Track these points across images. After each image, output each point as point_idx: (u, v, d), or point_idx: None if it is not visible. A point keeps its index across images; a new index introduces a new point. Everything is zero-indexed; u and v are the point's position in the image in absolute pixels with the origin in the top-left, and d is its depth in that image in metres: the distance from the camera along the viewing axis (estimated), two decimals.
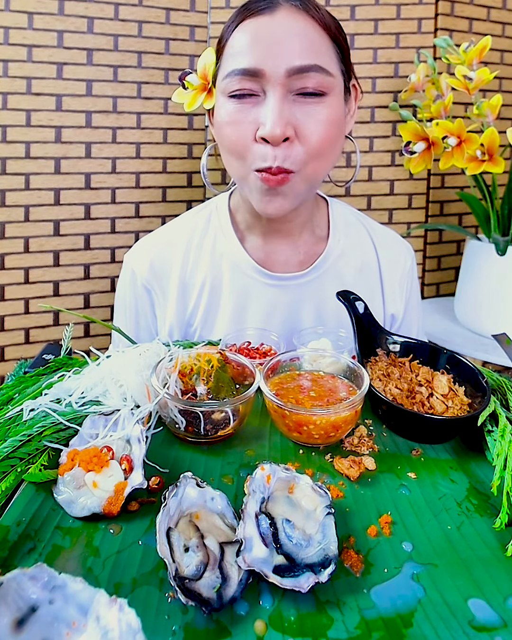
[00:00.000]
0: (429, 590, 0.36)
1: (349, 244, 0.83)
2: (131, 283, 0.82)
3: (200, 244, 0.81)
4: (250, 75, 0.63)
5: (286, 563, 0.36)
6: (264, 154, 0.64)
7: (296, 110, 0.64)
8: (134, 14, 1.26)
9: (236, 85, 0.64)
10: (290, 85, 0.63)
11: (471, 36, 1.35)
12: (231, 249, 0.79)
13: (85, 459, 0.44)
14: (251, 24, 0.64)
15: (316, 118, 0.64)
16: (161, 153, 1.32)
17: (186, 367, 0.56)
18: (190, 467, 0.48)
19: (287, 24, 0.63)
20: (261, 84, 0.64)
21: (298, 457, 0.50)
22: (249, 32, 0.64)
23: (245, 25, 0.65)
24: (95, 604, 0.30)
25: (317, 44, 0.64)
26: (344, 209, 0.87)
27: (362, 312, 0.65)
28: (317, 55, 0.63)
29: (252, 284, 0.79)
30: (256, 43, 0.63)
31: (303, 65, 0.62)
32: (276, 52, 0.62)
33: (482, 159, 1.07)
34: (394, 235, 0.90)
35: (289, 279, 0.79)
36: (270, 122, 0.62)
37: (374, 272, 0.84)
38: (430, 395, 0.55)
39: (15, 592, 0.30)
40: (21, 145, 1.20)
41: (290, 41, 0.63)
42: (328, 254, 0.80)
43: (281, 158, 0.64)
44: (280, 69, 0.62)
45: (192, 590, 0.34)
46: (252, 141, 0.65)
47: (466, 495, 0.45)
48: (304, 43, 0.63)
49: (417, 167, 1.13)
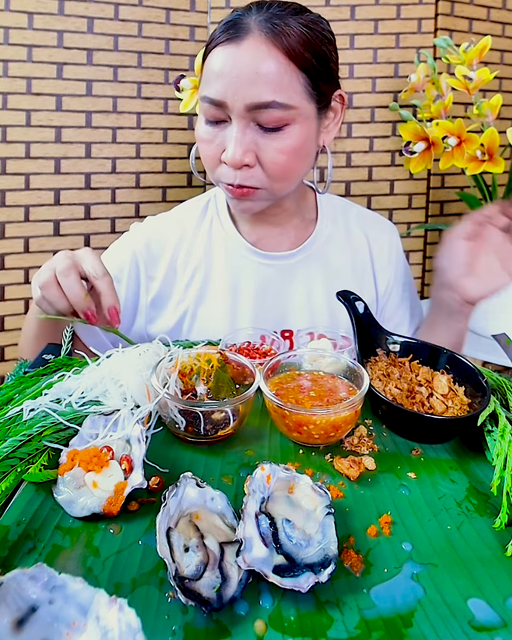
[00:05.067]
0: (429, 590, 0.36)
1: (337, 229, 0.88)
2: (127, 248, 0.85)
3: (197, 227, 0.86)
4: (216, 105, 0.67)
5: (285, 563, 0.36)
6: (226, 173, 0.70)
7: (257, 138, 0.68)
8: (134, 14, 1.26)
9: (207, 111, 0.69)
10: (251, 117, 0.67)
11: (471, 36, 1.35)
12: (226, 231, 0.85)
13: (85, 459, 0.44)
14: (220, 52, 0.67)
15: (276, 148, 0.68)
16: (161, 153, 1.32)
17: (186, 367, 0.56)
18: (190, 467, 0.48)
19: (250, 58, 0.65)
20: (226, 113, 0.67)
21: (298, 457, 0.50)
22: (217, 61, 0.67)
23: (216, 52, 0.67)
24: (95, 604, 0.30)
25: (277, 79, 0.65)
26: (330, 196, 0.92)
27: (362, 312, 0.65)
28: (275, 91, 0.65)
29: (245, 263, 0.84)
30: (220, 75, 0.66)
31: (261, 102, 0.65)
32: (235, 88, 0.65)
33: (482, 159, 1.07)
34: (378, 216, 0.95)
35: (279, 258, 0.84)
36: (230, 150, 0.67)
37: (365, 255, 0.89)
38: (430, 395, 0.55)
39: (15, 592, 0.30)
40: (21, 145, 1.20)
41: (250, 77, 0.64)
42: (317, 236, 0.86)
43: (241, 178, 0.69)
44: (239, 104, 0.66)
45: (192, 590, 0.34)
46: (218, 160, 0.71)
47: (466, 495, 0.45)
48: (264, 79, 0.64)
49: (417, 167, 1.13)
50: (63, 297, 0.63)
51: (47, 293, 0.63)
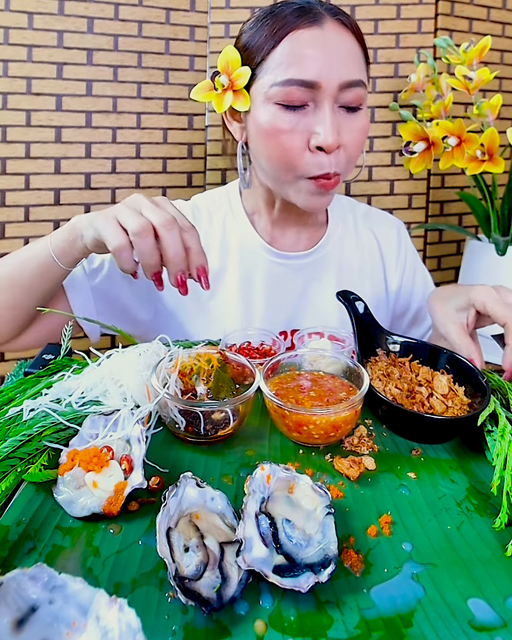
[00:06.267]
0: (429, 590, 0.36)
1: (347, 229, 0.89)
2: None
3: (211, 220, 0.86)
4: (307, 87, 0.66)
5: (285, 563, 0.36)
6: (320, 162, 0.68)
7: (340, 120, 0.68)
8: (134, 14, 1.25)
9: (289, 95, 0.66)
10: (338, 97, 0.67)
11: (471, 36, 1.35)
12: (242, 229, 0.85)
13: (85, 459, 0.44)
14: (303, 35, 0.66)
15: (356, 128, 0.70)
16: (161, 153, 1.32)
17: (186, 367, 0.56)
18: (190, 467, 0.48)
19: (336, 38, 0.67)
20: (314, 95, 0.66)
21: (298, 457, 0.50)
22: (303, 43, 0.66)
23: (297, 36, 0.66)
24: (95, 604, 0.30)
25: (358, 59, 0.69)
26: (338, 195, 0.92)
27: (362, 312, 0.65)
28: (360, 70, 0.68)
29: (259, 261, 0.84)
30: (312, 55, 0.65)
31: (352, 80, 0.66)
32: (331, 66, 0.65)
33: (482, 159, 1.07)
34: (384, 213, 0.97)
35: (295, 258, 0.84)
36: (327, 132, 0.66)
37: (375, 253, 0.90)
38: (430, 395, 0.55)
39: (15, 592, 0.30)
40: (21, 145, 1.20)
41: (341, 56, 0.66)
42: (329, 237, 0.87)
43: (335, 164, 0.68)
44: (334, 83, 0.66)
45: (192, 590, 0.34)
46: (303, 150, 0.68)
47: (466, 495, 0.45)
48: (352, 58, 0.67)
49: (417, 167, 1.13)
50: (157, 252, 0.56)
51: (141, 242, 0.55)
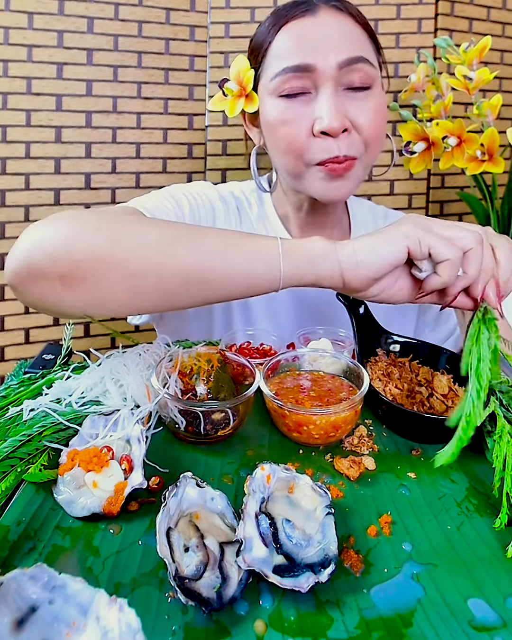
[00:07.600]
0: (429, 590, 0.36)
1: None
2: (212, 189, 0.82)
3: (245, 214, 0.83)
4: (302, 71, 0.65)
5: (285, 563, 0.36)
6: (326, 146, 0.66)
7: (347, 102, 0.67)
8: (134, 14, 1.25)
9: (287, 84, 0.66)
10: (340, 79, 0.66)
11: (471, 36, 1.35)
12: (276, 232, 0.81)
13: (85, 459, 0.44)
14: (296, 25, 0.67)
15: (369, 107, 0.67)
16: (161, 153, 1.32)
17: (186, 367, 0.56)
18: (190, 467, 0.48)
19: (330, 22, 0.66)
20: (312, 80, 0.66)
21: (298, 457, 0.50)
22: (296, 32, 0.67)
23: (290, 27, 0.67)
24: (95, 604, 0.30)
25: (359, 38, 0.68)
26: (358, 200, 0.91)
27: (362, 313, 0.65)
28: (361, 48, 0.67)
29: None
30: (303, 41, 0.66)
31: (352, 57, 0.65)
32: (324, 47, 0.65)
33: (482, 159, 1.07)
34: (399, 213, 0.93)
35: None
36: (328, 116, 0.64)
37: None
38: (430, 395, 0.55)
39: (15, 592, 0.30)
40: (21, 145, 1.20)
41: (336, 36, 0.66)
42: None
43: (345, 147, 0.66)
44: (331, 62, 0.64)
45: (192, 590, 0.33)
46: (308, 137, 0.67)
47: (466, 495, 0.45)
48: (349, 37, 0.66)
49: (417, 167, 1.13)
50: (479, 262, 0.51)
51: (475, 252, 0.50)
